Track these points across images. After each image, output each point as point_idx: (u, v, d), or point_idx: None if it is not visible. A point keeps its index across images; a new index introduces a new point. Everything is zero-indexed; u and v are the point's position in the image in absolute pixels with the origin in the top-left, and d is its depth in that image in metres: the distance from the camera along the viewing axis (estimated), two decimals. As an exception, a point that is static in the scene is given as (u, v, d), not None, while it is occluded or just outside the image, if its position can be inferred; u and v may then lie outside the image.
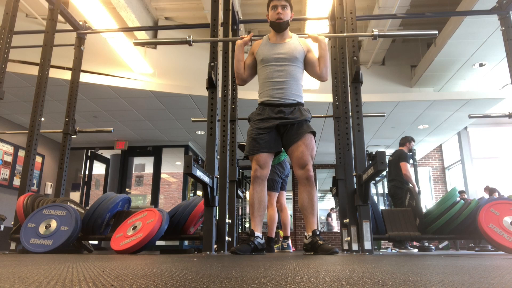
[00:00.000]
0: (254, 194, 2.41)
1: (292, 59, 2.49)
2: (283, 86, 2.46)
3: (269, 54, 2.50)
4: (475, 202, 2.81)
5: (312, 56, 2.56)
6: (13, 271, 0.92)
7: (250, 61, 2.62)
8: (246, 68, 2.61)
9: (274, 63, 2.48)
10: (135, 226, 2.63)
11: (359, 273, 0.87)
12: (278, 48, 2.51)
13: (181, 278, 0.76)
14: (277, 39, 2.55)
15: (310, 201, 2.38)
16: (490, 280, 0.73)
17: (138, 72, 5.68)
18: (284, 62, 2.48)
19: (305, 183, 2.39)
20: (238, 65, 2.59)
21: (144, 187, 10.99)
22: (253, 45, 2.65)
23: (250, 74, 2.64)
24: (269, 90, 2.48)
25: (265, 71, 2.51)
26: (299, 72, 2.54)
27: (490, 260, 1.59)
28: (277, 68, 2.47)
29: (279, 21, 2.47)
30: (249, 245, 2.33)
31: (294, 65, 2.50)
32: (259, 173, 2.41)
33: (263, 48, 2.55)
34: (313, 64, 2.55)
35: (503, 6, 3.52)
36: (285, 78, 2.46)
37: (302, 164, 2.37)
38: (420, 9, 5.43)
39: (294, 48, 2.51)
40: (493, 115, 4.40)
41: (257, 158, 2.43)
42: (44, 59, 3.46)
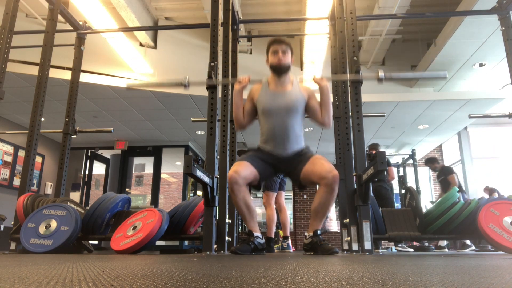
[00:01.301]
0: (239, 201, 2.31)
1: (293, 111, 2.40)
2: (284, 141, 2.40)
3: (270, 104, 2.42)
4: (475, 202, 2.81)
5: (314, 103, 2.47)
6: (13, 271, 0.92)
7: (249, 108, 2.52)
8: (245, 114, 2.51)
9: (275, 115, 2.40)
10: (135, 226, 2.63)
11: (359, 273, 0.87)
12: (278, 99, 2.41)
13: (181, 278, 0.76)
14: (277, 86, 2.45)
15: (326, 208, 2.31)
16: (490, 280, 0.73)
17: (138, 72, 5.68)
18: (285, 114, 2.39)
19: (329, 191, 2.24)
20: (237, 112, 2.49)
21: (144, 187, 10.99)
22: (252, 90, 2.55)
23: (250, 120, 2.55)
24: (270, 142, 2.43)
25: (266, 122, 2.44)
26: (300, 123, 2.46)
27: (490, 260, 1.59)
28: (278, 121, 2.39)
29: (280, 65, 2.40)
30: (249, 245, 2.33)
31: (295, 117, 2.42)
32: (235, 178, 2.25)
33: (263, 97, 2.46)
34: (315, 112, 2.46)
35: (503, 6, 3.51)
36: (286, 132, 2.40)
37: (327, 170, 2.25)
38: (420, 9, 5.43)
39: (295, 98, 2.42)
40: (493, 115, 4.39)
41: (240, 163, 2.35)
42: (44, 59, 3.46)
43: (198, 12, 5.58)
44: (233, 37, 3.59)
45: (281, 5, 5.61)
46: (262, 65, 2.54)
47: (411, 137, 8.03)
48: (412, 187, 3.53)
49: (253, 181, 2.40)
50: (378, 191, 5.26)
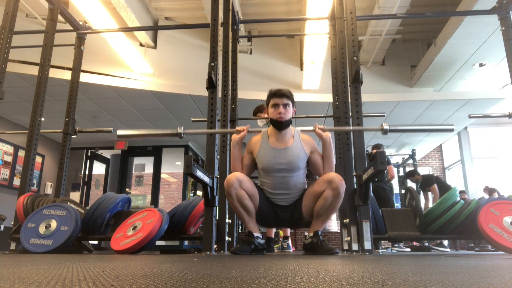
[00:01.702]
0: (235, 204, 2.28)
1: (295, 169, 2.36)
2: (286, 196, 2.40)
3: (270, 163, 2.35)
4: (475, 202, 2.81)
5: (316, 157, 2.41)
6: (13, 271, 0.92)
7: (248, 162, 2.45)
8: (244, 167, 2.43)
9: (276, 174, 2.36)
10: (135, 226, 2.63)
11: (359, 273, 0.87)
12: (279, 156, 2.35)
13: (181, 278, 0.76)
14: (278, 141, 2.38)
15: (330, 212, 2.29)
16: (490, 280, 0.73)
17: (138, 72, 5.68)
18: (286, 173, 2.35)
19: (335, 195, 2.22)
20: (235, 164, 2.41)
21: (144, 187, 11.00)
22: (251, 143, 2.48)
23: (249, 173, 2.45)
24: (272, 197, 2.42)
25: (267, 179, 2.41)
26: (302, 178, 2.43)
27: (490, 260, 1.59)
28: (279, 180, 2.36)
29: (280, 120, 2.32)
30: (249, 245, 2.32)
31: (296, 174, 2.38)
32: (232, 181, 2.22)
33: (263, 154, 2.39)
34: (317, 166, 2.40)
35: (503, 6, 3.52)
36: (287, 189, 2.38)
37: (332, 174, 2.24)
38: (420, 9, 5.43)
39: (297, 156, 2.35)
40: (493, 115, 4.39)
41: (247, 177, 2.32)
42: (44, 59, 3.46)
43: (198, 12, 5.59)
44: (233, 37, 3.59)
45: (281, 5, 5.61)
46: (262, 65, 2.54)
47: (411, 137, 8.03)
48: (412, 187, 3.53)
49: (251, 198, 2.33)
50: (376, 192, 5.24)
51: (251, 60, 6.05)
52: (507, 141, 8.22)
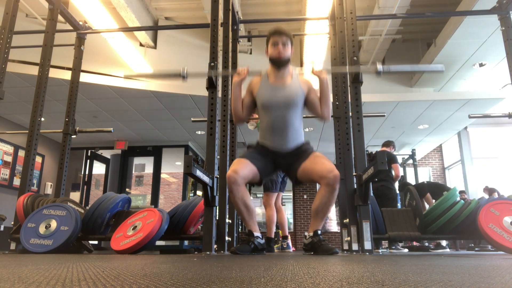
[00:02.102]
0: (237, 202, 2.28)
1: (292, 106, 2.39)
2: (283, 136, 2.40)
3: (269, 99, 2.40)
4: (475, 202, 2.81)
5: (313, 97, 2.45)
6: (13, 271, 0.92)
7: (248, 101, 2.49)
8: (244, 107, 2.49)
9: (275, 109, 2.39)
10: (135, 226, 2.63)
11: (359, 273, 0.87)
12: (278, 93, 2.39)
13: (181, 278, 0.76)
14: (276, 79, 2.42)
15: (327, 208, 2.29)
16: (490, 280, 0.73)
17: (138, 72, 5.68)
18: (284, 109, 2.38)
19: (330, 190, 2.23)
20: (235, 104, 2.46)
21: (144, 187, 10.99)
22: (251, 83, 2.52)
23: (248, 114, 2.52)
24: (270, 137, 2.43)
25: (265, 117, 2.43)
26: (299, 117, 2.45)
27: (490, 260, 1.59)
28: (278, 115, 2.38)
29: (279, 59, 2.36)
30: (249, 245, 2.32)
31: (294, 111, 2.40)
32: (234, 178, 2.23)
33: (262, 91, 2.43)
34: (314, 105, 2.44)
35: (503, 6, 3.51)
36: (285, 126, 2.38)
37: (328, 169, 2.23)
38: (420, 9, 5.43)
39: (295, 92, 2.40)
40: (493, 115, 4.39)
41: (239, 161, 2.34)
42: (44, 59, 3.46)
43: (198, 12, 5.59)
44: (233, 37, 3.58)
45: (281, 5, 5.61)
46: (262, 65, 2.53)
47: (411, 137, 8.03)
48: (412, 187, 3.53)
49: (253, 179, 2.39)
50: (381, 191, 5.17)
51: (251, 60, 6.06)
52: (507, 141, 8.22)
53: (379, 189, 5.23)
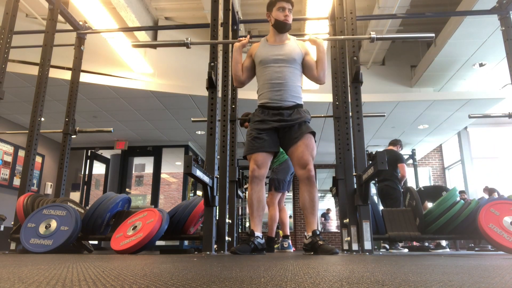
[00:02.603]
0: (253, 194, 2.41)
1: (290, 61, 2.49)
2: (282, 88, 2.47)
3: (268, 55, 2.51)
4: (475, 202, 2.81)
5: (310, 59, 2.57)
6: (13, 271, 0.92)
7: (248, 63, 2.61)
8: (244, 70, 2.61)
9: (273, 65, 2.49)
10: (135, 226, 2.63)
11: (359, 273, 0.87)
12: (276, 50, 2.51)
13: (181, 278, 0.76)
14: (275, 40, 2.56)
15: (311, 201, 2.39)
16: (490, 280, 0.73)
17: (138, 72, 5.68)
18: (282, 63, 2.48)
19: (306, 183, 2.39)
20: (236, 67, 2.59)
21: (144, 187, 10.99)
22: (251, 47, 2.64)
23: (248, 76, 2.64)
24: (268, 92, 2.49)
25: (264, 73, 2.52)
26: (297, 74, 2.55)
27: (490, 260, 1.59)
28: (276, 70, 2.48)
29: (285, 23, 2.49)
30: (249, 245, 2.32)
31: (292, 67, 2.50)
32: (257, 173, 2.41)
33: (261, 50, 2.55)
34: (311, 67, 2.56)
35: (503, 6, 3.52)
36: (283, 80, 2.47)
37: (303, 164, 2.38)
38: (420, 9, 5.42)
39: (293, 49, 2.52)
40: (493, 115, 4.39)
41: (255, 157, 2.44)
42: (44, 59, 3.46)
43: (198, 12, 5.58)
44: (233, 37, 3.59)
45: (281, 5, 5.60)
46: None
47: (411, 137, 8.03)
48: (412, 187, 3.53)
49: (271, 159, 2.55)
50: (386, 191, 5.13)
51: (251, 60, 6.05)
52: (507, 141, 8.22)
53: (383, 189, 5.19)
